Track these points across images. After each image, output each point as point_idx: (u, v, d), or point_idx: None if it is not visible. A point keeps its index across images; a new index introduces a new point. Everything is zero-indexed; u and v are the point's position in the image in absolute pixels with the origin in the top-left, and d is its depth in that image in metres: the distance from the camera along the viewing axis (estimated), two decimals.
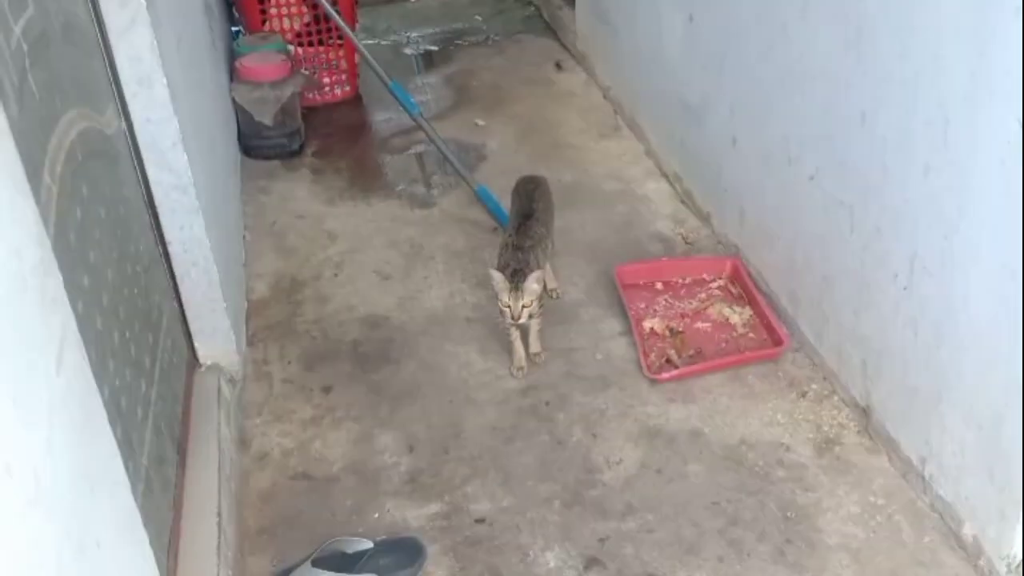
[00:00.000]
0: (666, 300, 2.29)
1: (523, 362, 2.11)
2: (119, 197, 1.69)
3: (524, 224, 2.16)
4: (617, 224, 2.65)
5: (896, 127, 1.64)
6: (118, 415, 1.36)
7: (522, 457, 1.89)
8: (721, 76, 2.33)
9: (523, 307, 1.98)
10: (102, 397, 1.24)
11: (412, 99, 2.99)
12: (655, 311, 2.25)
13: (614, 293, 2.31)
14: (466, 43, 3.89)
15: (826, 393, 2.00)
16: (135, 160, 1.85)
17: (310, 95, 3.32)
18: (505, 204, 2.69)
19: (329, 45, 3.34)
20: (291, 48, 3.22)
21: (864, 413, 1.89)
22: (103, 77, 1.74)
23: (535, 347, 2.14)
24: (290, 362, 2.18)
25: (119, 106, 1.79)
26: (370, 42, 3.86)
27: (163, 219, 1.93)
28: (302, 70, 3.21)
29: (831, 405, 1.97)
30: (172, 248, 1.96)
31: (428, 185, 2.92)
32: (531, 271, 2.01)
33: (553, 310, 2.27)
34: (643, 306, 2.27)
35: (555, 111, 3.30)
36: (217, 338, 2.03)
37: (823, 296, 1.98)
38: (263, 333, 2.29)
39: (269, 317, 2.35)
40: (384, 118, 3.34)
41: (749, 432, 1.91)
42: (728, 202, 2.40)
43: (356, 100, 3.48)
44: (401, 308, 2.36)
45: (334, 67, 3.39)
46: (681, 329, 2.18)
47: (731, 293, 2.29)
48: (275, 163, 3.07)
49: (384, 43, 3.93)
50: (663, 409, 1.98)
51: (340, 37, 3.28)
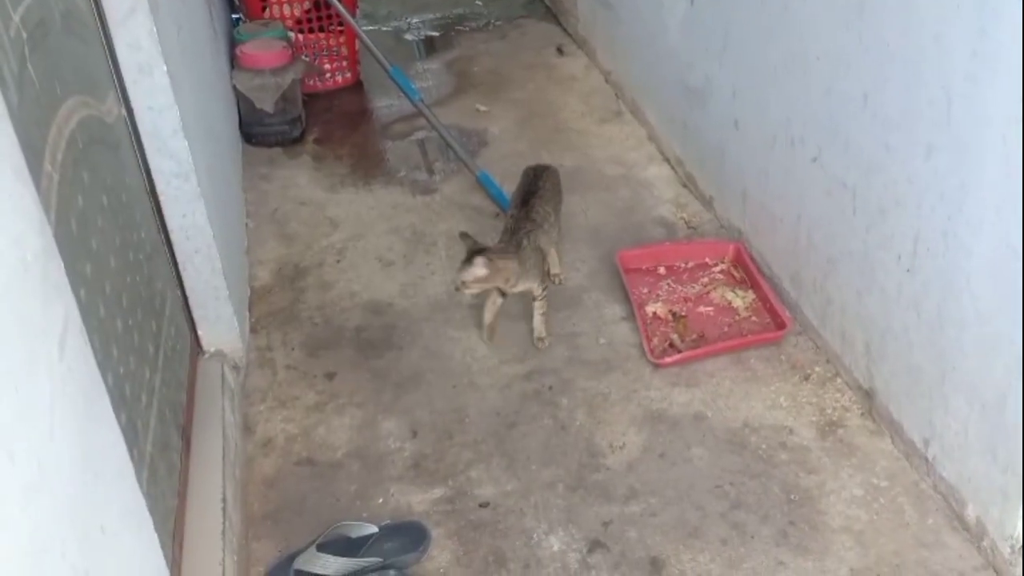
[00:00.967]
0: (668, 284, 2.29)
1: (489, 333, 2.16)
2: (121, 184, 1.69)
3: (525, 205, 2.16)
4: (619, 209, 2.64)
5: (898, 107, 1.63)
6: (122, 402, 1.36)
7: (526, 441, 1.89)
8: (723, 58, 2.32)
9: (462, 282, 2.01)
10: (106, 384, 1.25)
11: (413, 85, 2.99)
12: (658, 295, 2.25)
13: (617, 278, 2.31)
14: (467, 28, 3.88)
15: (829, 376, 2.00)
16: (136, 148, 1.85)
17: (311, 82, 3.31)
18: (507, 190, 2.69)
19: (330, 32, 3.33)
20: (291, 35, 3.21)
21: (867, 395, 1.89)
22: (103, 65, 1.73)
23: (540, 331, 2.14)
24: (293, 349, 2.19)
25: (119, 94, 1.79)
26: (371, 28, 3.85)
27: (165, 207, 1.93)
28: (303, 57, 3.20)
29: (834, 388, 1.97)
30: (174, 236, 1.96)
31: (430, 171, 2.91)
32: (501, 253, 2.04)
33: (556, 295, 2.27)
34: (646, 291, 2.27)
35: (556, 96, 3.30)
36: (220, 325, 2.03)
37: (826, 278, 1.98)
38: (266, 320, 2.29)
39: (272, 304, 2.35)
40: (385, 104, 3.34)
41: (752, 415, 1.91)
42: (730, 185, 2.40)
43: (357, 87, 3.47)
44: (403, 294, 2.36)
45: (335, 54, 3.38)
46: (684, 313, 2.18)
47: (734, 277, 2.29)
48: (276, 150, 3.07)
49: (385, 29, 3.92)
50: (666, 393, 1.99)
51: (341, 24, 3.27)
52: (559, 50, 3.58)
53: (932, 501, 1.72)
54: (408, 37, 3.86)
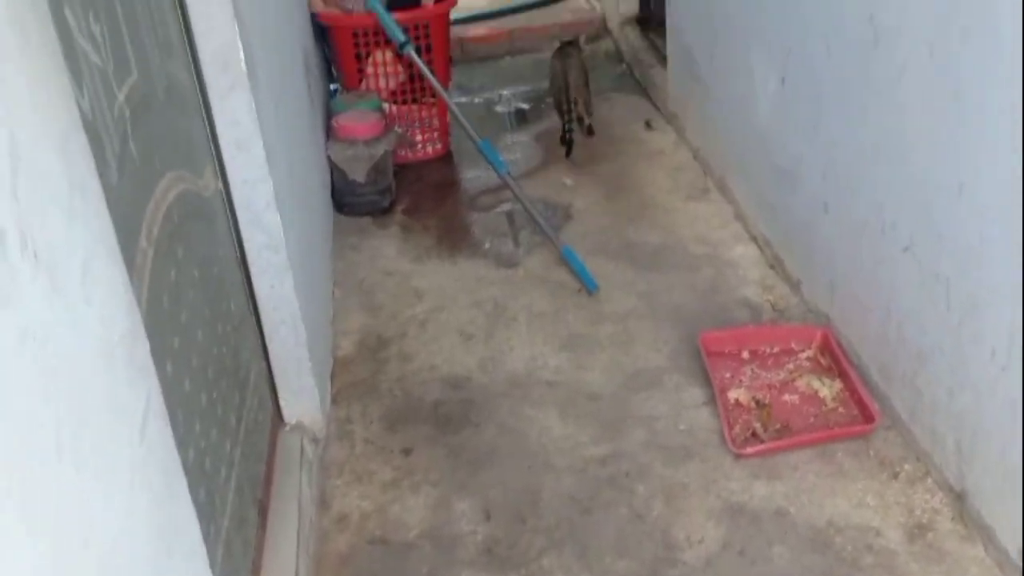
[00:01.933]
0: (752, 370, 2.24)
1: None
2: (213, 257, 1.74)
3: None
4: (703, 289, 2.61)
5: (995, 199, 1.58)
6: (202, 476, 1.38)
7: (600, 529, 1.85)
8: (814, 140, 2.29)
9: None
10: (187, 459, 1.27)
11: (501, 158, 3.02)
12: (741, 381, 2.20)
13: (698, 360, 2.27)
14: None
15: (919, 475, 1.91)
16: (230, 220, 1.90)
17: (403, 152, 3.38)
18: (591, 265, 2.69)
19: (423, 103, 3.40)
20: (386, 106, 3.29)
21: (958, 498, 1.80)
22: (202, 139, 1.80)
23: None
24: (372, 422, 2.20)
25: (216, 168, 1.85)
26: (463, 100, 3.92)
27: (254, 278, 1.97)
28: (396, 128, 3.27)
29: (924, 488, 1.88)
30: (262, 305, 2.00)
31: (515, 244, 2.93)
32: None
33: (635, 376, 2.25)
34: (728, 375, 2.23)
35: (644, 170, 3.30)
36: (302, 397, 2.06)
37: (917, 372, 1.91)
38: (347, 391, 2.31)
39: (354, 374, 2.37)
40: (473, 176, 3.38)
41: (837, 513, 1.84)
42: (819, 270, 2.35)
43: (447, 158, 3.53)
44: (482, 369, 2.35)
45: (427, 125, 3.45)
46: (767, 401, 2.13)
47: (820, 364, 2.23)
48: (366, 219, 3.13)
49: (477, 101, 3.99)
50: (747, 485, 1.93)
51: (434, 95, 3.34)
52: (648, 124, 3.59)
53: None
54: (499, 109, 3.92)
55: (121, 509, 0.87)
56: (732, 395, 2.15)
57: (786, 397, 2.15)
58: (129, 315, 1.00)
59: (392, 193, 3.20)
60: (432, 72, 3.14)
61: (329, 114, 3.19)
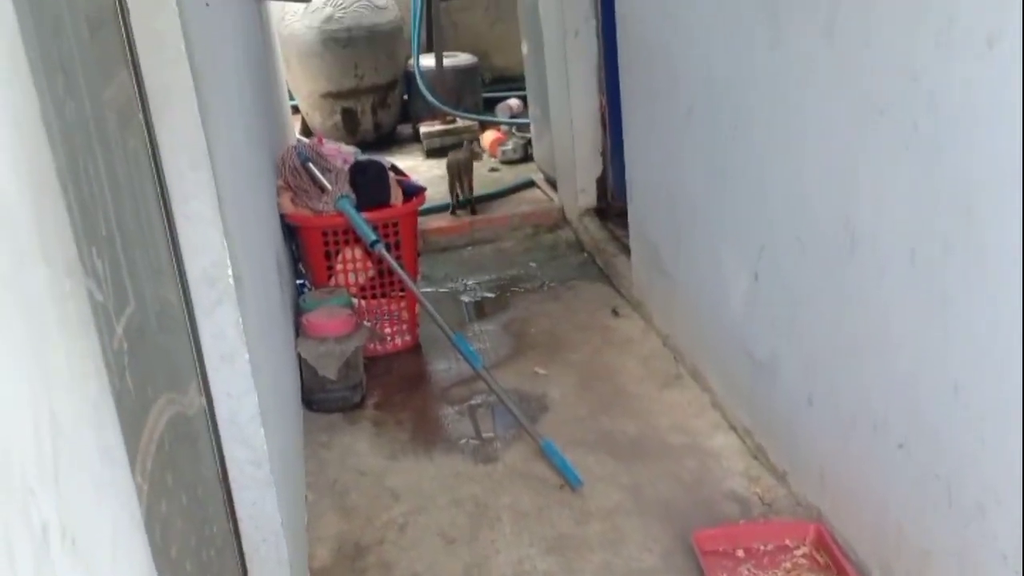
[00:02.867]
0: (749, 570, 2.18)
1: None
2: (198, 478, 1.67)
3: None
4: (688, 482, 2.57)
5: (993, 401, 1.59)
6: None
7: None
8: (791, 334, 2.32)
9: None
10: None
11: (475, 352, 3.01)
12: None
13: (693, 559, 2.21)
14: (522, 290, 3.97)
15: None
16: (212, 435, 1.84)
17: (372, 346, 3.36)
18: (571, 457, 2.65)
19: (392, 297, 3.41)
20: (355, 301, 3.29)
21: None
22: (187, 355, 1.76)
23: None
24: None
25: (200, 383, 1.80)
26: (428, 290, 3.95)
27: (235, 495, 1.89)
28: (365, 323, 3.26)
29: None
30: (243, 525, 1.91)
31: (491, 438, 2.88)
32: None
33: None
34: None
35: (614, 358, 3.30)
36: None
37: (922, 572, 1.87)
38: None
39: None
40: (444, 367, 3.36)
41: None
42: (806, 462, 2.33)
43: (416, 349, 3.52)
44: None
45: (396, 318, 3.45)
46: None
47: (818, 562, 2.18)
48: (336, 416, 3.07)
49: (442, 290, 4.02)
50: None
51: (403, 289, 3.35)
52: (614, 312, 3.63)
53: None
54: (464, 298, 3.94)
55: None
56: None
57: None
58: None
59: (363, 388, 3.16)
60: (401, 267, 3.17)
61: (298, 311, 3.18)
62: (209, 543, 1.65)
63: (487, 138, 5.63)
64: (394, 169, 3.55)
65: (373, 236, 3.12)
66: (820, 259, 2.11)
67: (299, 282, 3.55)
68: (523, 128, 5.45)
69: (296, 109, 6.14)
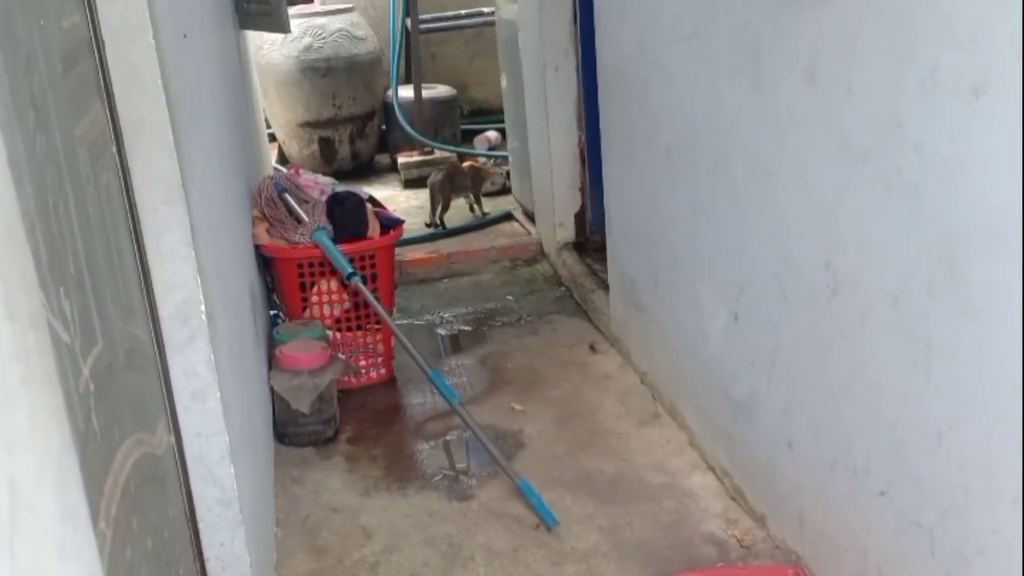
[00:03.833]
0: None
1: None
2: (164, 520, 1.62)
3: None
4: (666, 523, 2.54)
5: (978, 451, 1.58)
6: None
7: None
8: (771, 374, 2.30)
9: None
10: None
11: (452, 387, 2.97)
12: None
13: None
14: (499, 323, 3.93)
15: None
16: (181, 476, 1.79)
17: (346, 378, 3.31)
18: (547, 494, 2.61)
19: (368, 329, 3.37)
20: (330, 334, 3.24)
21: None
22: (157, 394, 1.71)
23: None
24: None
25: (169, 421, 1.76)
26: (404, 322, 3.90)
27: (203, 535, 1.85)
28: (340, 355, 3.22)
29: None
30: (210, 566, 1.86)
31: (466, 475, 2.84)
32: None
33: None
34: None
35: (592, 395, 3.27)
36: None
37: None
38: None
39: None
40: (419, 401, 3.32)
41: None
42: (785, 505, 2.30)
43: (391, 382, 3.47)
44: None
45: (371, 351, 3.40)
46: None
47: None
48: (309, 450, 3.01)
49: (418, 323, 3.98)
50: None
51: (378, 321, 3.31)
52: (592, 348, 3.61)
53: None
54: (441, 331, 3.90)
55: None
56: None
57: None
58: None
59: (336, 422, 3.11)
60: (378, 300, 3.13)
61: (272, 342, 3.13)
62: None
63: None
64: (372, 201, 3.53)
65: (349, 268, 3.09)
66: (801, 301, 2.09)
67: (273, 313, 3.50)
68: (501, 160, 5.44)
69: (273, 137, 6.10)
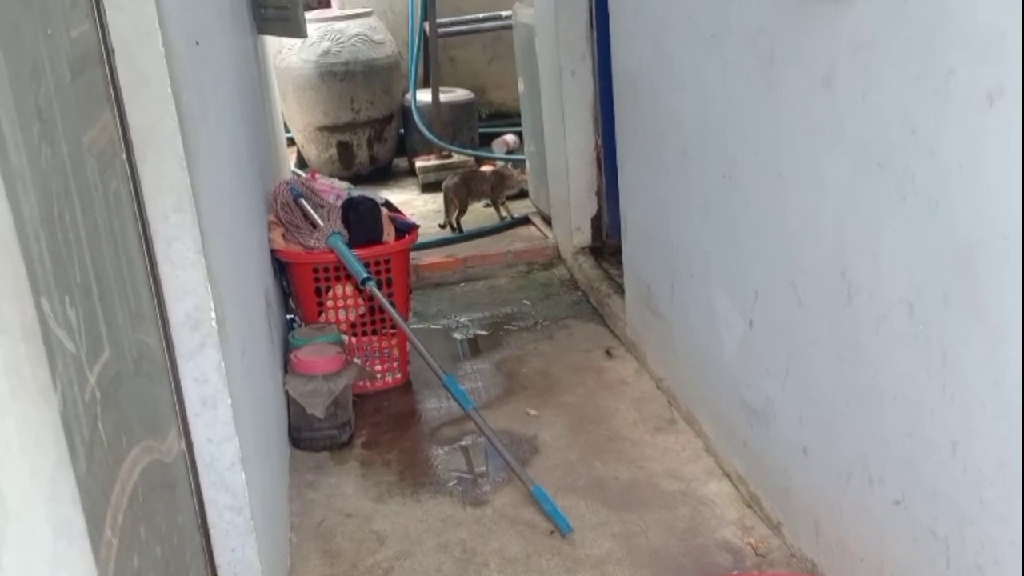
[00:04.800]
0: None
1: None
2: (174, 527, 1.62)
3: None
4: (681, 530, 2.52)
5: (993, 461, 1.56)
6: None
7: None
8: (786, 382, 2.28)
9: None
10: None
11: (466, 393, 2.96)
12: None
13: None
14: (515, 328, 3.92)
15: None
16: (192, 482, 1.79)
17: (361, 383, 3.31)
18: (562, 504, 2.59)
19: (383, 334, 3.37)
20: (345, 338, 3.24)
21: None
22: (167, 400, 1.71)
23: None
24: None
25: (180, 428, 1.76)
26: (420, 326, 3.90)
27: (214, 541, 1.85)
28: (355, 359, 3.22)
29: None
30: (221, 572, 1.86)
31: (480, 481, 2.83)
32: None
33: None
34: None
35: (607, 401, 3.26)
36: None
37: None
38: None
39: None
40: (434, 406, 3.32)
41: None
42: (801, 514, 2.28)
43: (406, 386, 3.47)
44: None
45: (386, 355, 3.40)
46: None
47: None
48: (324, 455, 3.01)
49: (434, 327, 3.98)
50: None
51: (393, 326, 3.31)
52: (608, 353, 3.59)
53: None
54: (457, 336, 3.90)
55: None
56: None
57: None
58: None
59: (351, 427, 3.11)
60: (392, 305, 3.13)
61: (287, 347, 3.14)
62: None
63: None
64: (387, 205, 3.53)
65: (364, 273, 3.09)
66: (816, 308, 2.07)
67: (289, 317, 3.50)
68: (519, 164, 5.43)
69: (292, 141, 6.12)
